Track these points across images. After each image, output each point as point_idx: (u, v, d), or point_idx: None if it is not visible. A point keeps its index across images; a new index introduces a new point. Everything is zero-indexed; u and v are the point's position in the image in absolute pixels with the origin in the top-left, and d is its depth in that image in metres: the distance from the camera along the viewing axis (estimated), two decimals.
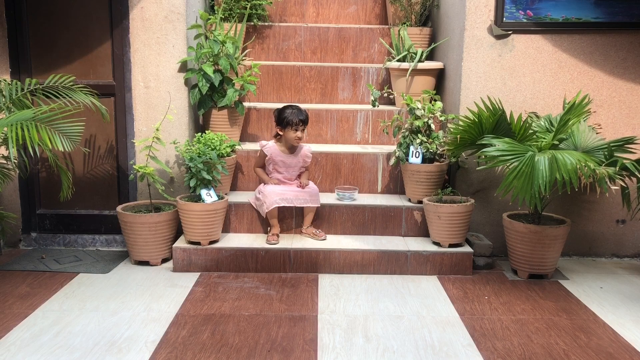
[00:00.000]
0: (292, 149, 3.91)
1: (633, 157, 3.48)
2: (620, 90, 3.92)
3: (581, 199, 3.97)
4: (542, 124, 3.72)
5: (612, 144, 3.51)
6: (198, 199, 3.70)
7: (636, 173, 3.30)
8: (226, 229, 3.89)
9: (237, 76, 4.17)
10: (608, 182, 3.18)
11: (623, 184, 3.43)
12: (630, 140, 3.54)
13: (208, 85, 3.95)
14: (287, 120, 3.80)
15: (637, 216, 3.54)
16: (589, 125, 3.72)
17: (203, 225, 3.61)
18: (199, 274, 3.61)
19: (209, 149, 3.73)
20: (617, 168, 3.26)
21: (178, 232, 3.82)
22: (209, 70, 3.89)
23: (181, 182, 4.00)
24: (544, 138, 3.50)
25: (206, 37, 4.10)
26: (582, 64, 3.91)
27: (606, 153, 3.44)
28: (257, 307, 3.14)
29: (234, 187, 4.15)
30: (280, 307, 3.15)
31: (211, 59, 3.99)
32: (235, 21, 4.64)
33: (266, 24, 5.00)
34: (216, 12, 4.47)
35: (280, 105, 3.98)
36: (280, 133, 3.86)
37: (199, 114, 4.19)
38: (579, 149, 3.56)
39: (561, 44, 3.89)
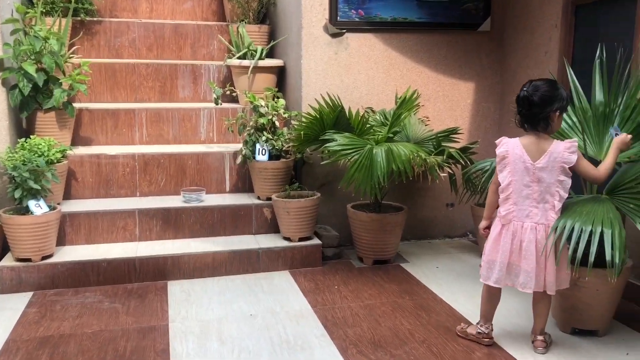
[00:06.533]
0: (539, 144, 2.56)
1: (457, 145, 3.82)
2: (443, 85, 4.28)
3: (416, 187, 4.28)
4: (378, 118, 3.93)
5: (439, 135, 3.83)
6: (26, 211, 3.35)
7: (461, 160, 3.63)
8: (61, 241, 3.57)
9: (65, 75, 3.85)
10: (438, 170, 3.46)
11: (450, 171, 3.77)
12: (454, 131, 3.89)
13: (31, 85, 3.59)
14: (566, 101, 2.55)
15: (463, 200, 3.90)
16: (418, 118, 4.01)
17: (34, 239, 3.28)
18: (31, 293, 3.27)
19: (36, 155, 3.39)
20: (445, 157, 3.56)
21: (4, 249, 3.43)
22: (31, 69, 3.53)
23: (4, 193, 3.58)
24: (380, 131, 3.71)
25: (25, 33, 3.72)
26: (411, 61, 4.20)
27: (435, 143, 3.74)
28: (101, 323, 2.93)
29: (67, 196, 3.82)
30: (128, 320, 2.97)
31: (33, 57, 3.63)
32: (59, 15, 4.26)
33: (95, 19, 4.68)
34: (36, 5, 4.07)
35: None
36: (552, 122, 2.53)
37: (21, 117, 3.79)
38: (411, 141, 3.83)
39: (391, 43, 4.14)
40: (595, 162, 2.77)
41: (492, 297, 2.72)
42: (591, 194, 2.78)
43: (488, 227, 2.73)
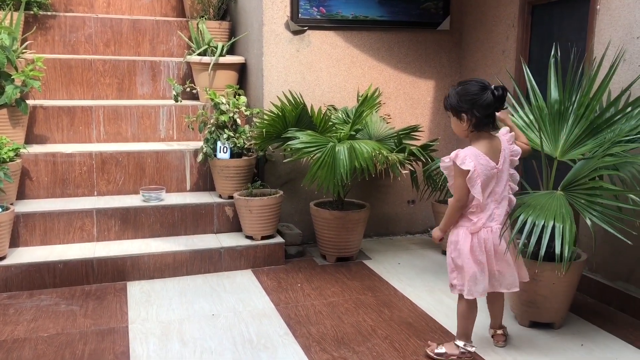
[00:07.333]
0: (493, 145, 2.53)
1: (418, 143, 3.86)
2: (404, 83, 4.32)
3: (378, 184, 4.31)
4: (340, 116, 3.94)
5: (400, 133, 3.86)
6: None
7: (422, 158, 3.67)
8: (15, 243, 3.45)
9: (17, 71, 3.72)
10: (399, 167, 3.49)
11: (412, 168, 3.81)
12: (415, 129, 3.93)
13: None
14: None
15: (424, 196, 3.95)
16: (380, 116, 4.04)
17: None
18: None
19: None
20: (406, 154, 3.60)
21: None
22: None
23: None
24: (343, 129, 3.71)
25: None
26: (372, 59, 4.22)
27: (396, 141, 3.78)
28: (58, 326, 2.85)
29: (21, 196, 3.70)
30: (86, 323, 2.90)
31: None
32: (10, 9, 4.12)
33: (49, 13, 4.54)
34: None
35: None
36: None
37: None
38: (373, 138, 3.85)
39: (352, 40, 4.15)
40: (552, 159, 2.84)
41: (472, 310, 2.59)
42: (547, 189, 2.85)
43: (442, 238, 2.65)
